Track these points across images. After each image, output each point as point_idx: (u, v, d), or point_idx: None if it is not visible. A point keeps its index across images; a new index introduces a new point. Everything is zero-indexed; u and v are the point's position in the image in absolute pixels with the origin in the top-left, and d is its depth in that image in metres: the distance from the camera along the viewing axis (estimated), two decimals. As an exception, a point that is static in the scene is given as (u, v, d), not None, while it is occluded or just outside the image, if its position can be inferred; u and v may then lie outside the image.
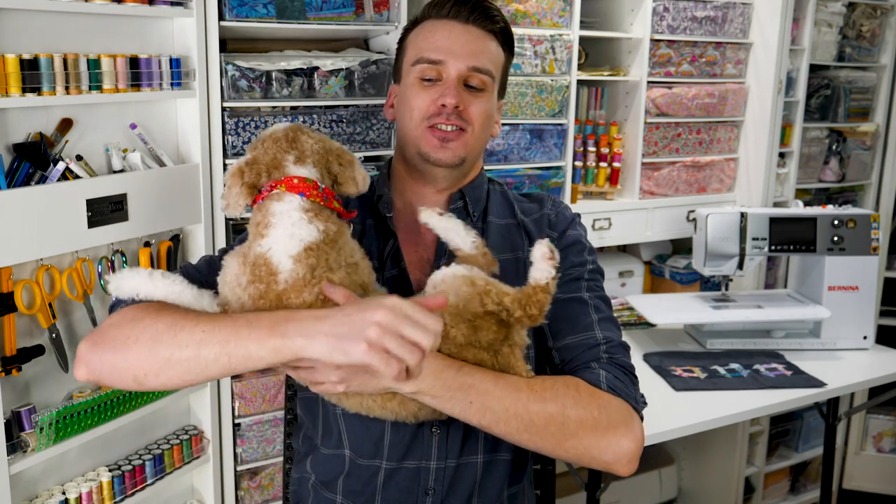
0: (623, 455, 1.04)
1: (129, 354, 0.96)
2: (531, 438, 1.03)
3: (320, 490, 1.21)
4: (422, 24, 1.23)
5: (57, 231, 1.51)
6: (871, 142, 3.00)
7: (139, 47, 1.67)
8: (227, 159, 1.81)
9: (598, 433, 1.03)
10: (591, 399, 1.05)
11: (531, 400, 1.02)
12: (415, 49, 1.20)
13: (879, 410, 3.17)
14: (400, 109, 1.23)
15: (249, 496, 1.99)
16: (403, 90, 1.22)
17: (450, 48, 1.17)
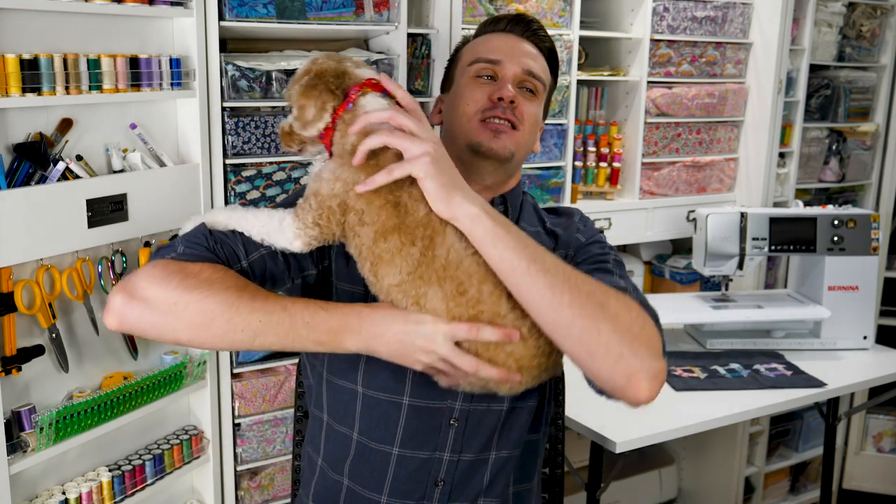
0: (650, 367, 0.99)
1: (176, 321, 0.97)
2: (571, 304, 0.97)
3: (327, 472, 1.21)
4: (479, 38, 1.31)
5: (57, 231, 1.51)
6: (871, 142, 3.00)
7: (139, 47, 1.67)
8: (227, 159, 1.81)
9: (632, 335, 0.99)
10: (632, 306, 1.03)
11: (579, 273, 1.01)
12: (471, 54, 1.27)
13: (879, 410, 3.17)
14: (451, 109, 1.26)
15: (249, 496, 1.99)
16: (457, 91, 1.26)
17: (507, 51, 1.24)
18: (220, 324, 0.97)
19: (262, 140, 1.85)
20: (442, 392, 1.11)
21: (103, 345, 1.71)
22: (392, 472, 1.14)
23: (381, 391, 1.13)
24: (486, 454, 1.16)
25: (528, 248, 0.99)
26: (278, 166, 1.88)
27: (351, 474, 1.17)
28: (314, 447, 1.24)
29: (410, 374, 1.11)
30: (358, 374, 1.14)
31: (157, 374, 1.74)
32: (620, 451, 1.73)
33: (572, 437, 1.98)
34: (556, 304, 0.97)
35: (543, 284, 0.97)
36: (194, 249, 1.03)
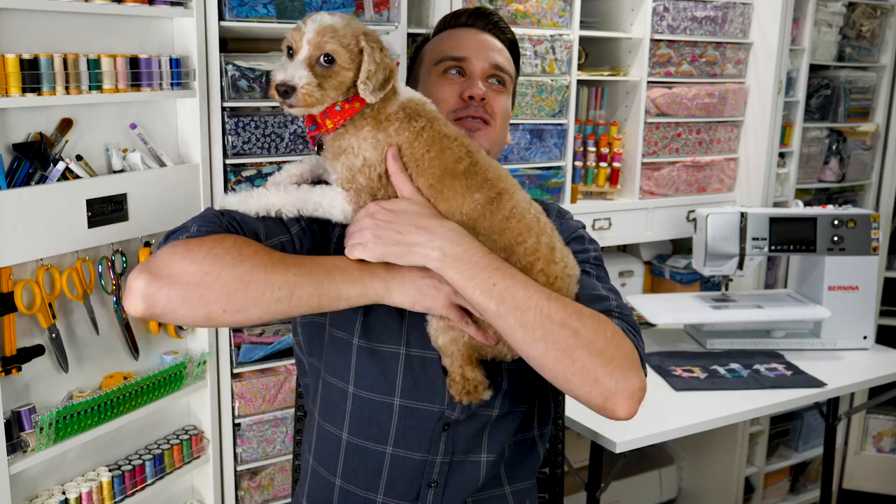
0: (626, 388, 0.99)
1: (208, 291, 0.94)
2: (543, 337, 0.98)
3: (318, 471, 1.21)
4: (440, 35, 1.31)
5: (57, 231, 1.51)
6: (871, 142, 3.00)
7: (139, 47, 1.67)
8: (227, 159, 1.81)
9: (607, 357, 0.99)
10: (607, 326, 1.02)
11: (553, 298, 1.00)
12: (435, 52, 1.27)
13: (879, 410, 3.17)
14: None
15: (249, 496, 1.99)
16: (425, 91, 1.23)
17: (473, 47, 1.24)
18: (256, 284, 0.94)
19: (262, 140, 1.85)
20: (431, 394, 1.11)
21: (103, 345, 1.71)
22: (386, 473, 1.14)
23: (373, 392, 1.13)
24: (479, 455, 1.16)
25: (497, 286, 0.98)
26: (278, 166, 1.88)
27: (344, 475, 1.17)
28: (308, 446, 1.25)
29: (401, 376, 1.12)
30: (350, 373, 1.14)
31: (157, 374, 1.74)
32: (620, 451, 1.73)
33: (572, 437, 1.98)
34: (528, 339, 0.98)
35: (514, 322, 0.98)
36: (210, 227, 1.01)
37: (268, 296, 0.95)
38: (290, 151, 1.89)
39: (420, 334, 1.11)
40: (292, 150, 1.89)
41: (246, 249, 0.97)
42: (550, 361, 0.98)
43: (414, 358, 1.12)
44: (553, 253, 1.06)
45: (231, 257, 0.95)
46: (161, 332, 1.79)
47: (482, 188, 1.05)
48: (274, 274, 0.96)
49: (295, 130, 1.88)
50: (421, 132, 1.06)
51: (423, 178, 1.05)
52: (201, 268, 0.94)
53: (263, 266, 0.96)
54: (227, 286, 0.94)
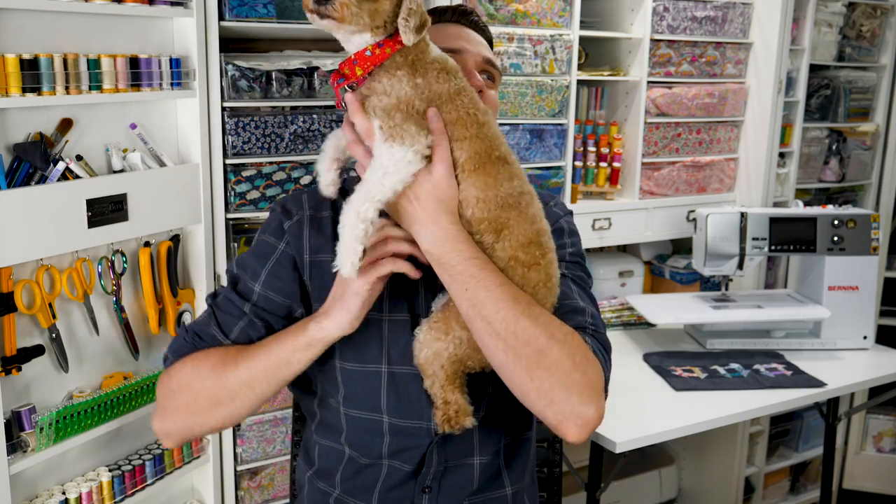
0: (581, 415, 0.99)
1: (196, 417, 1.11)
2: (505, 350, 0.99)
3: (315, 481, 1.22)
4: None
5: (57, 231, 1.51)
6: (871, 142, 3.00)
7: (139, 47, 1.67)
8: (227, 159, 1.81)
9: (569, 382, 0.99)
10: (578, 349, 1.01)
11: (524, 315, 0.99)
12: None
13: (879, 410, 3.17)
14: None
15: (249, 496, 1.99)
16: None
17: (464, 39, 1.23)
18: (224, 395, 1.08)
19: (262, 140, 1.85)
20: (418, 411, 1.11)
21: (103, 345, 1.71)
22: (381, 483, 1.15)
23: (362, 410, 1.14)
24: (471, 459, 1.16)
25: (470, 290, 0.99)
26: (278, 166, 1.88)
27: (342, 485, 1.18)
28: (305, 459, 1.26)
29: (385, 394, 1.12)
30: (339, 393, 1.15)
31: (157, 374, 1.74)
32: (620, 451, 1.73)
33: (572, 437, 1.98)
34: (490, 348, 1.00)
35: (481, 329, 1.00)
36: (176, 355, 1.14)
37: (241, 397, 1.08)
38: (290, 151, 1.89)
39: (401, 350, 1.11)
40: (292, 149, 1.89)
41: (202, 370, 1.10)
42: (509, 373, 1.01)
43: (397, 375, 1.12)
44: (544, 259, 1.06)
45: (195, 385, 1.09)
46: (161, 332, 1.79)
47: (512, 181, 1.04)
48: (228, 380, 1.08)
49: (295, 131, 1.88)
50: (460, 93, 1.03)
51: (460, 148, 1.02)
52: (180, 399, 1.11)
53: (219, 377, 1.08)
54: (205, 405, 1.09)
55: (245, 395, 1.08)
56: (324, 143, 1.14)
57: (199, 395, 1.08)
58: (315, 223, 1.15)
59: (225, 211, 1.82)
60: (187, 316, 1.81)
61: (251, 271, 1.14)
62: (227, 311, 1.13)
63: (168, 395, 1.11)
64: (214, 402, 1.08)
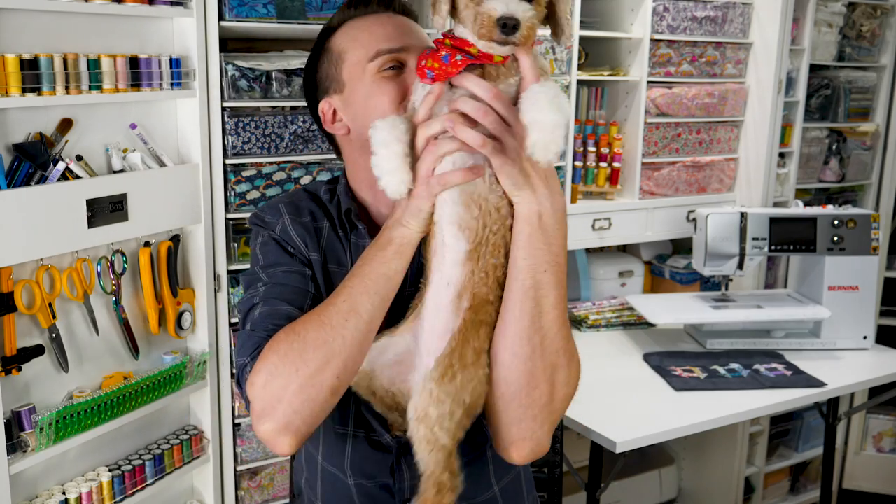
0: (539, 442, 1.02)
1: (312, 379, 0.93)
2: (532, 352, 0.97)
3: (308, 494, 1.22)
4: (347, 26, 1.13)
5: (57, 231, 1.51)
6: (871, 142, 3.00)
7: (139, 47, 1.67)
8: (227, 159, 1.81)
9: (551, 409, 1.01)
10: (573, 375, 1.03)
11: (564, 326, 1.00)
12: (361, 47, 1.10)
13: (879, 410, 3.16)
14: (362, 115, 1.09)
15: (249, 496, 1.99)
16: (361, 93, 1.10)
17: (404, 33, 1.10)
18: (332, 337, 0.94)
19: (262, 140, 1.85)
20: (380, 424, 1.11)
21: (103, 345, 1.71)
22: (357, 500, 1.14)
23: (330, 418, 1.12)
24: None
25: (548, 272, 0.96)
26: (278, 166, 1.88)
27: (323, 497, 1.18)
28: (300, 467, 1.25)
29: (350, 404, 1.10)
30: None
31: (157, 374, 1.74)
32: (620, 451, 1.73)
33: (572, 437, 1.98)
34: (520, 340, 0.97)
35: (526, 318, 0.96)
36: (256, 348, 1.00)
37: (346, 335, 0.94)
38: (290, 151, 1.89)
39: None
40: (292, 149, 1.89)
41: (297, 328, 0.97)
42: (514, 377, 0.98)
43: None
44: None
45: (297, 345, 0.94)
46: (161, 332, 1.79)
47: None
48: (332, 318, 0.95)
49: (295, 131, 1.88)
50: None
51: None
52: (284, 372, 0.94)
53: (321, 324, 0.95)
54: (313, 360, 0.93)
55: (354, 325, 0.94)
56: (377, 137, 0.96)
57: (305, 351, 0.93)
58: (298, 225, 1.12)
59: (225, 211, 1.82)
60: (187, 316, 1.81)
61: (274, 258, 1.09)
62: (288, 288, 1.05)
63: (266, 384, 0.94)
64: (325, 352, 0.93)
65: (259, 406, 0.95)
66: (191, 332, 1.85)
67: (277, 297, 1.05)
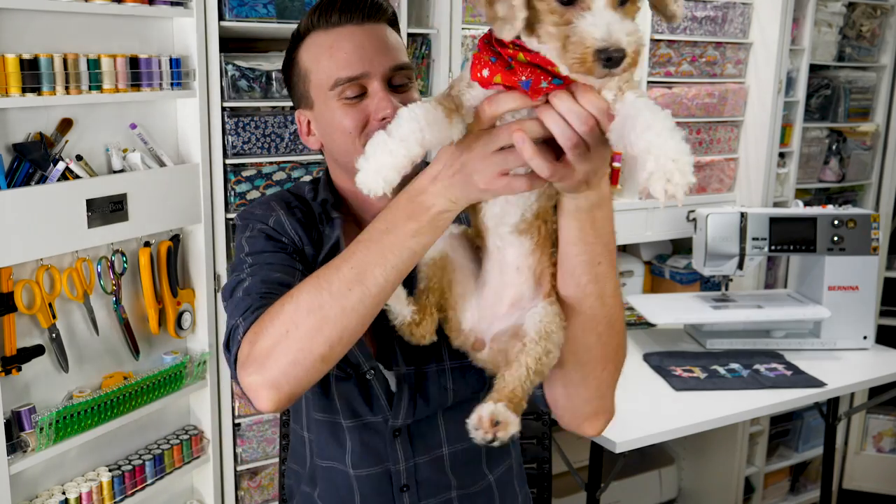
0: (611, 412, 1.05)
1: (301, 343, 0.88)
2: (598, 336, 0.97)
3: (302, 486, 1.22)
4: (312, 39, 1.09)
5: (57, 231, 1.51)
6: (871, 142, 3.00)
7: (139, 47, 1.67)
8: (227, 159, 1.81)
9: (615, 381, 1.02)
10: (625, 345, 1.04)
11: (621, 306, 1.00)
12: (322, 71, 1.08)
13: (879, 410, 3.16)
14: (327, 136, 1.11)
15: (249, 496, 1.99)
16: (324, 115, 1.09)
17: (363, 57, 1.06)
18: (329, 304, 0.87)
19: (262, 140, 1.85)
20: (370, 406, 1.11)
21: (103, 345, 1.71)
22: (357, 491, 1.14)
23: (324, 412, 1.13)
24: (441, 450, 1.15)
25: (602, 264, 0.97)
26: (278, 166, 1.88)
27: (320, 492, 1.18)
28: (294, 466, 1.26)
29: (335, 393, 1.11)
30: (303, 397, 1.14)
31: (157, 374, 1.74)
32: (620, 451, 1.73)
33: (572, 437, 1.97)
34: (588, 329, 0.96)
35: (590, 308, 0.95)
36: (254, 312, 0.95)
37: (349, 304, 0.88)
38: (290, 151, 1.89)
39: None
40: (292, 150, 1.89)
41: (294, 293, 0.91)
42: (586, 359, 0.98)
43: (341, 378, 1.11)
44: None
45: (289, 304, 0.90)
46: (161, 332, 1.79)
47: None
48: (332, 284, 0.88)
49: (295, 131, 1.88)
50: None
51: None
52: (276, 332, 0.90)
53: (317, 284, 0.89)
54: (309, 326, 0.88)
55: (358, 297, 0.87)
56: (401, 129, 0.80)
57: (298, 313, 0.88)
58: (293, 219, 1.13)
59: (225, 211, 1.82)
60: (187, 316, 1.81)
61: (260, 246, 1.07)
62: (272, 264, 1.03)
63: (255, 342, 0.90)
64: (319, 318, 0.87)
65: (246, 357, 0.91)
66: (191, 332, 1.85)
67: (267, 269, 1.02)
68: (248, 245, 1.10)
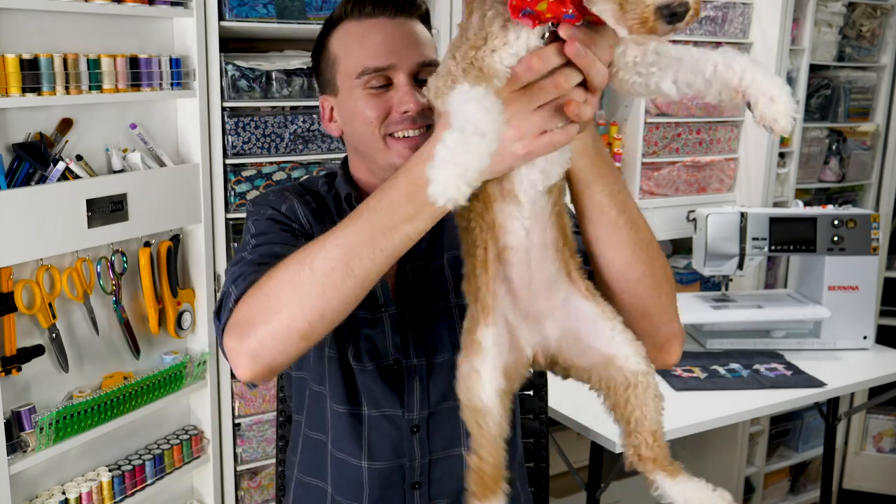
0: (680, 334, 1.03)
1: (280, 316, 0.86)
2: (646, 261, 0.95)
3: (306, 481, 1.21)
4: (344, 28, 1.11)
5: (57, 231, 1.51)
6: (871, 142, 3.00)
7: (139, 47, 1.67)
8: (227, 159, 1.81)
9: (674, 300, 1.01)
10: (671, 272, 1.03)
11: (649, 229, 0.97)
12: (350, 59, 1.09)
13: (879, 410, 3.16)
14: (349, 123, 1.12)
15: (249, 496, 1.99)
16: (348, 103, 1.11)
17: (392, 49, 1.07)
18: (310, 281, 0.84)
19: (262, 140, 1.85)
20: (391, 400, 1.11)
21: (103, 345, 1.71)
22: (367, 483, 1.14)
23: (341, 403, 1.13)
24: (458, 450, 1.15)
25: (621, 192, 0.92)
26: (278, 166, 1.88)
27: (333, 483, 1.18)
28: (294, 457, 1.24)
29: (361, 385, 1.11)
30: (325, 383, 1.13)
31: (157, 374, 1.74)
32: (620, 450, 1.73)
33: (572, 436, 1.98)
34: (633, 258, 0.94)
35: (627, 237, 0.92)
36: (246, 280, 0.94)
37: (330, 283, 0.84)
38: (290, 151, 1.89)
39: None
40: (292, 150, 1.89)
41: (281, 265, 0.89)
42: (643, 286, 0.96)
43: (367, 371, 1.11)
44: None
45: (274, 280, 0.88)
46: (161, 332, 1.79)
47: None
48: (316, 259, 0.85)
49: (295, 131, 1.88)
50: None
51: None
52: (259, 302, 0.88)
53: (302, 259, 0.86)
54: (290, 298, 0.86)
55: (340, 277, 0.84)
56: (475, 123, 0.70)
57: (281, 287, 0.86)
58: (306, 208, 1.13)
59: (225, 211, 1.82)
60: (187, 316, 1.81)
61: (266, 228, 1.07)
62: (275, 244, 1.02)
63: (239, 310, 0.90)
64: (299, 295, 0.85)
65: (231, 322, 0.90)
66: (191, 332, 1.85)
67: (269, 245, 1.02)
68: (255, 227, 1.10)
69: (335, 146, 1.94)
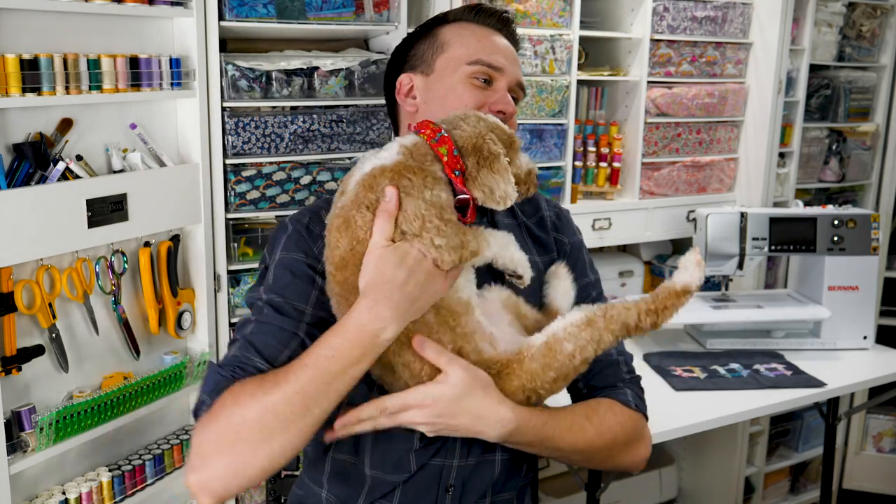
0: (641, 460, 1.22)
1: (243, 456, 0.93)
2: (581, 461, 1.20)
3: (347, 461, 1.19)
4: (462, 24, 1.23)
5: (57, 231, 1.51)
6: (871, 142, 3.00)
7: (139, 47, 1.67)
8: (227, 159, 1.81)
9: (628, 447, 1.18)
10: (627, 419, 1.17)
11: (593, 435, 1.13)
12: (464, 48, 1.19)
13: (879, 410, 3.17)
14: (435, 102, 1.19)
15: (249, 496, 1.99)
16: (444, 85, 1.19)
17: (505, 57, 1.20)
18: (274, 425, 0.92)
19: (262, 140, 1.85)
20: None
21: (103, 345, 1.71)
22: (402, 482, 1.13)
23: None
24: (492, 455, 1.15)
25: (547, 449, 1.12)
26: (278, 166, 1.88)
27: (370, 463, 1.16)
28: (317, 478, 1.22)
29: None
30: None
31: (157, 374, 1.74)
32: (620, 451, 1.73)
33: (572, 437, 1.98)
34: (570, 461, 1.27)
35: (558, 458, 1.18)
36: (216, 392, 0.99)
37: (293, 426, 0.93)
38: (290, 151, 1.89)
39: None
40: (292, 150, 1.89)
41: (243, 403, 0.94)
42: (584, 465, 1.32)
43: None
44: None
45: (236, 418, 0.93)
46: (161, 332, 1.79)
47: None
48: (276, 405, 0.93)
49: (295, 131, 1.88)
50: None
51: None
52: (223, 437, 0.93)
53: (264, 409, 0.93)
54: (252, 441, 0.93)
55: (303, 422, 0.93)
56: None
57: (242, 428, 0.93)
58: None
59: (225, 211, 1.82)
60: (187, 316, 1.81)
61: (294, 290, 1.07)
62: (270, 337, 1.04)
63: (208, 440, 0.95)
64: (262, 436, 0.92)
65: (193, 452, 0.95)
66: (191, 332, 1.85)
67: (260, 338, 1.04)
68: (274, 274, 1.10)
69: (335, 146, 1.94)
